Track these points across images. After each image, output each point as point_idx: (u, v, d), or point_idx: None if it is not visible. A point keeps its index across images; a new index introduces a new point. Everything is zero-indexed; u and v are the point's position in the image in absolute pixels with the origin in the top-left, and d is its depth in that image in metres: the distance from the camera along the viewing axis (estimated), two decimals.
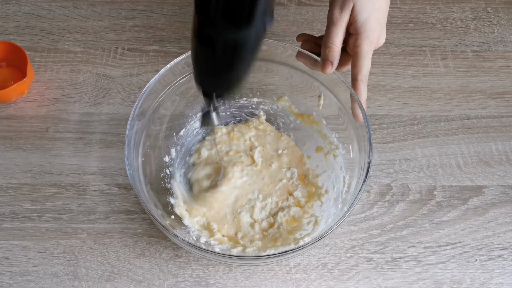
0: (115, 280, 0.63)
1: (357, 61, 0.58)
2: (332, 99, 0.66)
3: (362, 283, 0.63)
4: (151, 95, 0.63)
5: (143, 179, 0.62)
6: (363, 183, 0.56)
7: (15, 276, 0.63)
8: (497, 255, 0.65)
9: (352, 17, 0.58)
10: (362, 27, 0.57)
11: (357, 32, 0.58)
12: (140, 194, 0.57)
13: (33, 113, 0.75)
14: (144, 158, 0.63)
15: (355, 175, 0.62)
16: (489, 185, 0.70)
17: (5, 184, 0.69)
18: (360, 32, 0.58)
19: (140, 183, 0.60)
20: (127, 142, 0.59)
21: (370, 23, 0.58)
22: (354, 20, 0.58)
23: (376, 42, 0.59)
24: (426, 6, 0.86)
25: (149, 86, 0.62)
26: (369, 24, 0.57)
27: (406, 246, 0.66)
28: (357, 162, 0.62)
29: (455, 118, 0.75)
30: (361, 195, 0.56)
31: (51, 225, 0.66)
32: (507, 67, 0.80)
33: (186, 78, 0.66)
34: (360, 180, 0.58)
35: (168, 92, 0.66)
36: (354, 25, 0.58)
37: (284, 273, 0.64)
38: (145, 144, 0.64)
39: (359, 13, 0.57)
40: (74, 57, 0.80)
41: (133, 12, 0.85)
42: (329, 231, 0.55)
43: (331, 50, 0.58)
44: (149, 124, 0.65)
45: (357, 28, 0.58)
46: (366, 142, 0.59)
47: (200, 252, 0.56)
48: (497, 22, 0.85)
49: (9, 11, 0.85)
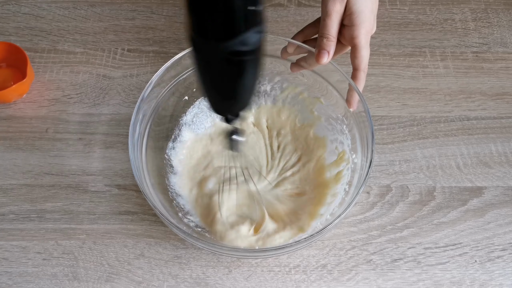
0: (114, 281, 0.63)
1: (358, 52, 0.59)
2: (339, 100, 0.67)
3: (362, 284, 0.63)
4: (152, 94, 0.64)
5: (148, 179, 0.62)
6: (363, 182, 0.57)
7: (14, 277, 0.63)
8: (496, 256, 0.65)
9: (347, 9, 0.58)
10: (358, 18, 0.58)
11: (353, 23, 0.59)
12: (146, 193, 0.57)
13: (33, 114, 0.75)
14: (147, 157, 0.64)
15: (356, 173, 0.62)
16: (489, 186, 0.70)
17: (5, 184, 0.69)
18: (356, 23, 0.58)
19: (146, 183, 0.61)
20: (130, 143, 0.59)
21: (365, 13, 0.58)
22: (350, 11, 0.58)
23: (370, 31, 0.60)
24: (425, 7, 0.86)
25: (151, 83, 0.63)
26: (364, 15, 0.58)
27: (406, 247, 0.66)
28: (359, 152, 0.63)
29: (454, 119, 0.75)
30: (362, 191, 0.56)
31: (51, 225, 0.66)
32: (507, 68, 0.80)
33: (186, 75, 0.67)
34: (361, 180, 0.58)
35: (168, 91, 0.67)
36: (349, 17, 0.59)
37: (284, 274, 0.64)
38: (148, 144, 0.65)
39: (354, 4, 0.58)
40: (74, 58, 0.80)
41: (133, 13, 0.85)
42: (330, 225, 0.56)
43: (328, 40, 0.59)
44: (151, 124, 0.65)
45: (352, 20, 0.58)
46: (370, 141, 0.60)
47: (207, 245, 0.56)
48: (497, 23, 0.85)
49: (9, 11, 0.85)
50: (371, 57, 0.79)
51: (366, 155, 0.61)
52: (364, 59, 0.60)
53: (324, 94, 0.69)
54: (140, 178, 0.59)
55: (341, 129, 0.67)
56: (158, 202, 0.60)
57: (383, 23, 0.84)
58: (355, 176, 0.63)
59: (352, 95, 0.62)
